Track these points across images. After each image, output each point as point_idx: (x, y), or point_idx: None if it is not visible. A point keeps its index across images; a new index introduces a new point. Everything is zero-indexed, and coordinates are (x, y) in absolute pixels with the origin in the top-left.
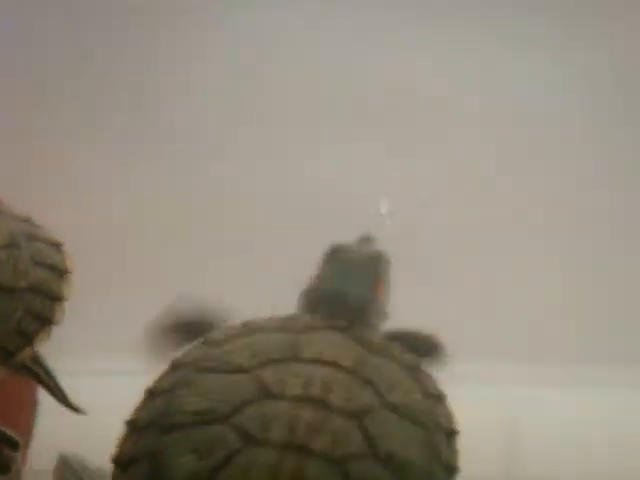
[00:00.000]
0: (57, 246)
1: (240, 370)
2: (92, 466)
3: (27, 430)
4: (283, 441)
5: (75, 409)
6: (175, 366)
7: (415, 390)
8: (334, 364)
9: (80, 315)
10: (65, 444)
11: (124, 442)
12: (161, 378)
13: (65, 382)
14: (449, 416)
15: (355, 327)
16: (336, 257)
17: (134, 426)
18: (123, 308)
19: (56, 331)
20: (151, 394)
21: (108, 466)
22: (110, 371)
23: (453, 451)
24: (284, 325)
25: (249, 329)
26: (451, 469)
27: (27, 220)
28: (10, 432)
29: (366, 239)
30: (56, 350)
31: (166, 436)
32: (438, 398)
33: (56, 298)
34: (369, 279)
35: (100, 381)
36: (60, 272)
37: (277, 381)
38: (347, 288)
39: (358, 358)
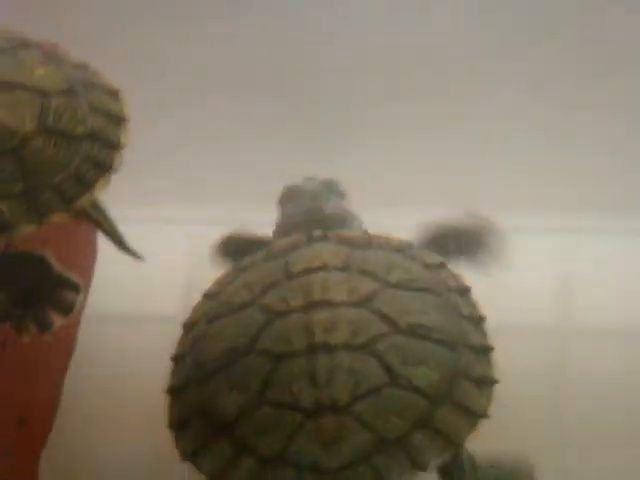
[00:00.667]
0: (115, 94)
1: (244, 306)
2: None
3: (87, 274)
4: (307, 347)
5: (133, 255)
6: (187, 327)
7: (412, 267)
8: (325, 267)
9: (138, 163)
10: (122, 289)
11: (172, 409)
12: (180, 343)
13: (124, 229)
14: (455, 277)
15: (333, 232)
16: (294, 193)
17: (174, 390)
18: (180, 157)
19: (115, 178)
20: (177, 359)
21: None
22: (168, 219)
23: (471, 304)
24: (269, 254)
25: (239, 269)
26: (476, 319)
27: (85, 67)
28: (72, 275)
29: (309, 178)
30: (115, 197)
31: (204, 387)
32: (439, 266)
33: (114, 146)
34: (332, 197)
35: (157, 228)
36: (118, 120)
37: (279, 300)
38: (320, 204)
39: (346, 256)
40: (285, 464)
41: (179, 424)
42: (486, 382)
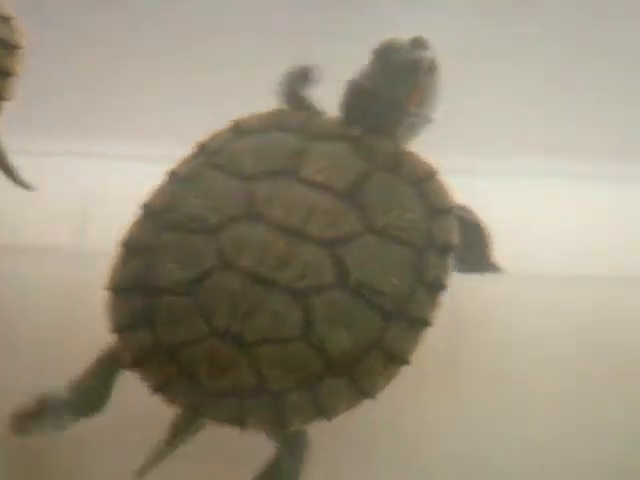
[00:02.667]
0: (7, 20)
1: (241, 176)
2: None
3: None
4: (251, 270)
5: (24, 186)
6: (199, 151)
7: (414, 208)
8: (327, 187)
9: (33, 92)
10: (17, 220)
11: (136, 225)
12: (185, 161)
13: (18, 160)
14: (447, 231)
15: (372, 137)
16: (383, 55)
17: (148, 210)
18: (80, 87)
19: (8, 108)
20: (172, 176)
21: None
22: (63, 152)
23: (443, 267)
24: (303, 126)
25: (273, 123)
26: (436, 287)
27: None
28: None
29: (417, 42)
30: (7, 128)
31: (164, 234)
32: (441, 212)
33: (6, 74)
34: (405, 86)
35: (52, 161)
36: (11, 47)
37: (266, 201)
38: (380, 92)
39: (358, 177)
40: (170, 360)
41: (128, 249)
42: (397, 360)
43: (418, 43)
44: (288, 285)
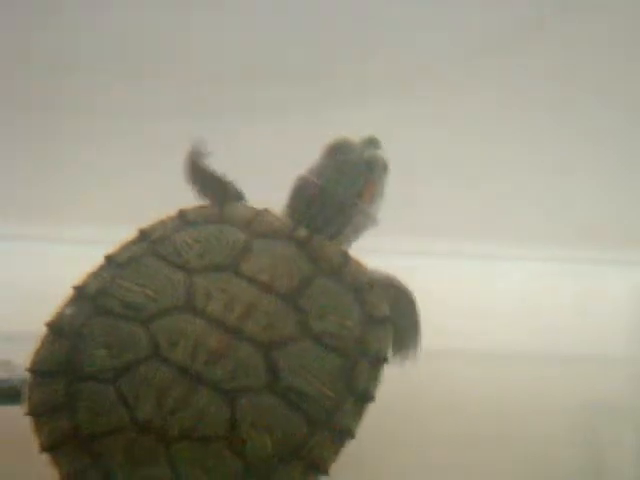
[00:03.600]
0: None
1: (183, 267)
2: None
3: None
4: (182, 364)
5: None
6: (141, 237)
7: (352, 316)
8: (269, 286)
9: None
10: None
11: (67, 306)
12: (124, 246)
13: None
14: (381, 343)
15: (318, 239)
16: (335, 153)
17: (81, 293)
18: None
19: None
20: (108, 261)
21: None
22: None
23: (373, 379)
24: (250, 222)
25: (220, 217)
26: (365, 398)
27: None
28: None
29: (371, 141)
30: None
31: (95, 318)
32: (377, 322)
33: None
34: (358, 184)
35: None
36: None
37: (205, 294)
38: (333, 189)
39: (300, 280)
40: (85, 449)
41: (56, 331)
42: (317, 470)
43: (372, 142)
44: (218, 383)
